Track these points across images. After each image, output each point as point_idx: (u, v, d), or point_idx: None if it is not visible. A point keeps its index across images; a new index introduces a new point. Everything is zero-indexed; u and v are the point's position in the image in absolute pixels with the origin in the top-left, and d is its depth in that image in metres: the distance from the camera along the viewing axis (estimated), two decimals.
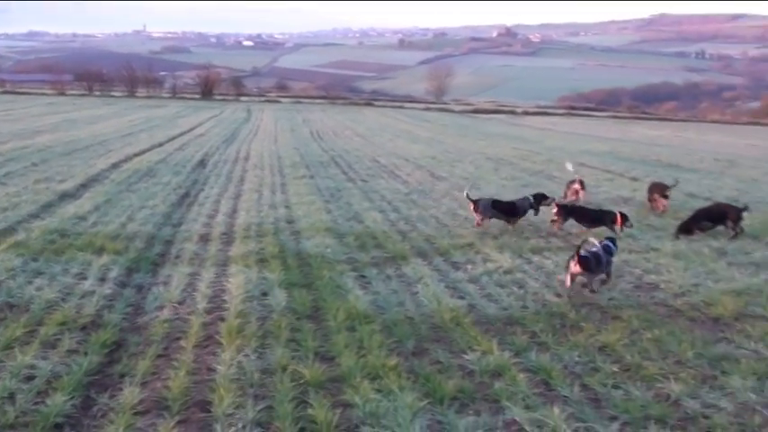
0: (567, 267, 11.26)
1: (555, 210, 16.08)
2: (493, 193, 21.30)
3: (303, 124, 58.34)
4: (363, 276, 11.93)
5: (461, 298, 10.74)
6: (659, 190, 19.35)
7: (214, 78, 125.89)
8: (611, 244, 11.71)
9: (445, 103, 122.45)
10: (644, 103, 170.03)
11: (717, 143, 53.06)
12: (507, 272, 12.23)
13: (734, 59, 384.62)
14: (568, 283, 11.18)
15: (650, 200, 19.43)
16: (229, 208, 18.42)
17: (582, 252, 11.03)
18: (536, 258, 13.35)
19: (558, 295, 10.97)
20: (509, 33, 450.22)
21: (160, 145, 34.76)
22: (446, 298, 10.59)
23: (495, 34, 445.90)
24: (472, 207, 16.41)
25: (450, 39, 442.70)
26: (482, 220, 16.26)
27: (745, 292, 11.34)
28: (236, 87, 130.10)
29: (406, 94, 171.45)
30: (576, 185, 19.99)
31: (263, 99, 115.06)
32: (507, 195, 20.23)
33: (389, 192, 21.78)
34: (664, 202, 18.98)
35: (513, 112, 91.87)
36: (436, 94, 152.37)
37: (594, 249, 11.24)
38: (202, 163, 28.25)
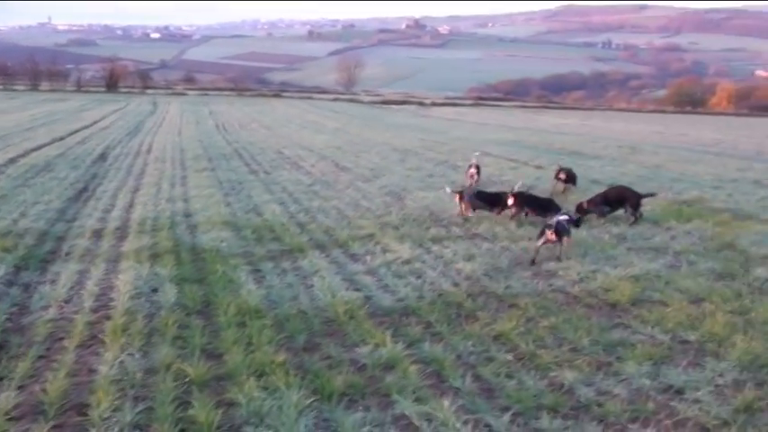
0: (541, 236, 12.56)
1: (511, 200, 15.89)
2: (396, 182, 21.27)
3: (209, 117, 57.43)
4: (258, 270, 11.65)
5: (358, 290, 10.53)
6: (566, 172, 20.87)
7: (120, 71, 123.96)
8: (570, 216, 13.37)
9: (354, 94, 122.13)
10: (552, 92, 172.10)
11: (622, 131, 53.56)
12: (406, 262, 12.06)
13: (640, 49, 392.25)
14: (537, 248, 12.61)
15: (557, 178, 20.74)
16: (126, 202, 17.98)
17: (554, 221, 12.68)
18: (436, 248, 13.19)
19: (456, 284, 10.87)
20: (417, 25, 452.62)
21: (61, 139, 33.98)
22: (342, 291, 10.37)
23: (403, 26, 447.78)
24: (458, 198, 16.50)
25: (359, 30, 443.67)
26: (467, 210, 16.35)
27: (643, 277, 11.37)
28: (143, 80, 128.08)
29: (315, 86, 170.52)
30: (473, 170, 20.53)
31: (169, 92, 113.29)
32: (412, 185, 20.25)
33: (291, 183, 21.43)
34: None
35: (421, 104, 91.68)
36: (346, 85, 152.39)
37: (563, 218, 12.94)
38: (103, 156, 27.64)
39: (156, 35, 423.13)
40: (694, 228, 15.44)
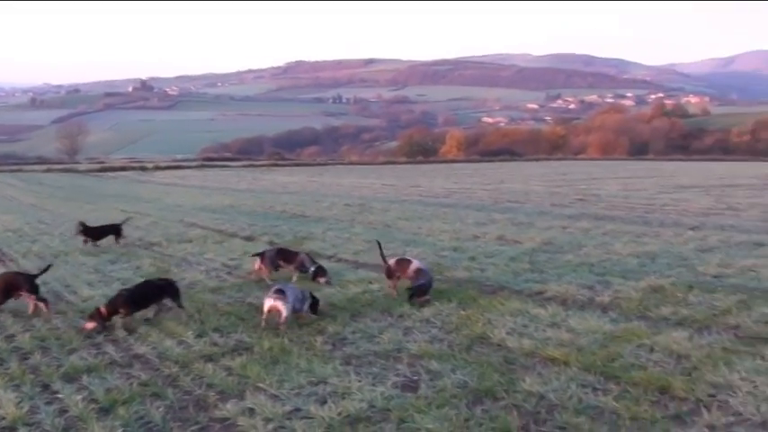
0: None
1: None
2: (63, 275, 16.59)
3: None
4: None
5: None
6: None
7: None
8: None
9: (75, 163, 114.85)
10: (286, 149, 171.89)
11: (352, 186, 50.24)
12: (8, 429, 7.67)
13: (370, 102, 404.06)
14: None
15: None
16: None
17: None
18: (66, 392, 8.58)
19: None
20: (145, 87, 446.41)
21: None
22: None
23: (130, 89, 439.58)
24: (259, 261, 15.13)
25: (85, 95, 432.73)
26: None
27: (365, 416, 7.67)
28: None
29: (39, 156, 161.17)
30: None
31: None
32: (83, 278, 15.88)
33: None
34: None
35: (143, 168, 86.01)
36: (69, 154, 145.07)
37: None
38: None
39: None
40: (434, 313, 11.90)
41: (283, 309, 11.03)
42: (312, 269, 14.67)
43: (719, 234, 21.60)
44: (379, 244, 14.48)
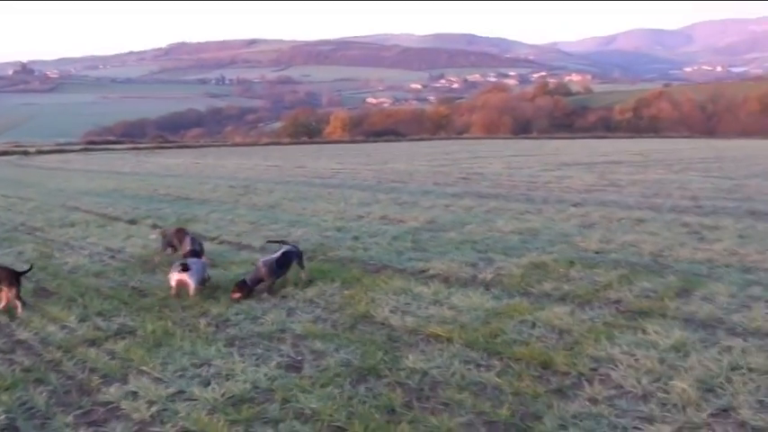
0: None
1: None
2: None
3: None
4: None
5: None
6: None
7: None
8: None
9: None
10: (170, 131, 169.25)
11: (236, 167, 49.56)
12: None
13: (254, 83, 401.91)
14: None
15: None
16: None
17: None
18: None
19: None
20: (25, 70, 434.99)
21: None
22: None
23: (10, 72, 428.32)
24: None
25: None
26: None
27: (249, 396, 7.65)
28: None
29: None
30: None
31: None
32: None
33: None
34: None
35: (25, 152, 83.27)
36: None
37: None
38: None
39: None
40: (317, 293, 11.91)
41: (191, 281, 11.43)
42: (188, 248, 14.33)
43: (601, 210, 21.98)
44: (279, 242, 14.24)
